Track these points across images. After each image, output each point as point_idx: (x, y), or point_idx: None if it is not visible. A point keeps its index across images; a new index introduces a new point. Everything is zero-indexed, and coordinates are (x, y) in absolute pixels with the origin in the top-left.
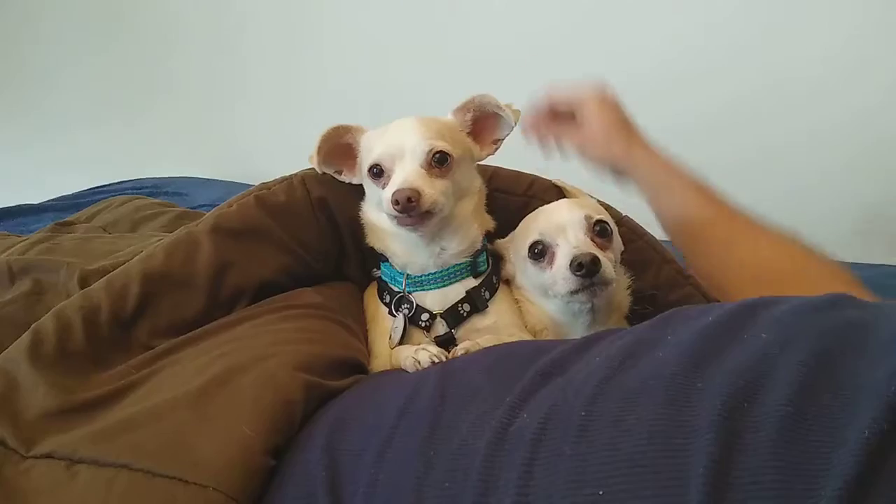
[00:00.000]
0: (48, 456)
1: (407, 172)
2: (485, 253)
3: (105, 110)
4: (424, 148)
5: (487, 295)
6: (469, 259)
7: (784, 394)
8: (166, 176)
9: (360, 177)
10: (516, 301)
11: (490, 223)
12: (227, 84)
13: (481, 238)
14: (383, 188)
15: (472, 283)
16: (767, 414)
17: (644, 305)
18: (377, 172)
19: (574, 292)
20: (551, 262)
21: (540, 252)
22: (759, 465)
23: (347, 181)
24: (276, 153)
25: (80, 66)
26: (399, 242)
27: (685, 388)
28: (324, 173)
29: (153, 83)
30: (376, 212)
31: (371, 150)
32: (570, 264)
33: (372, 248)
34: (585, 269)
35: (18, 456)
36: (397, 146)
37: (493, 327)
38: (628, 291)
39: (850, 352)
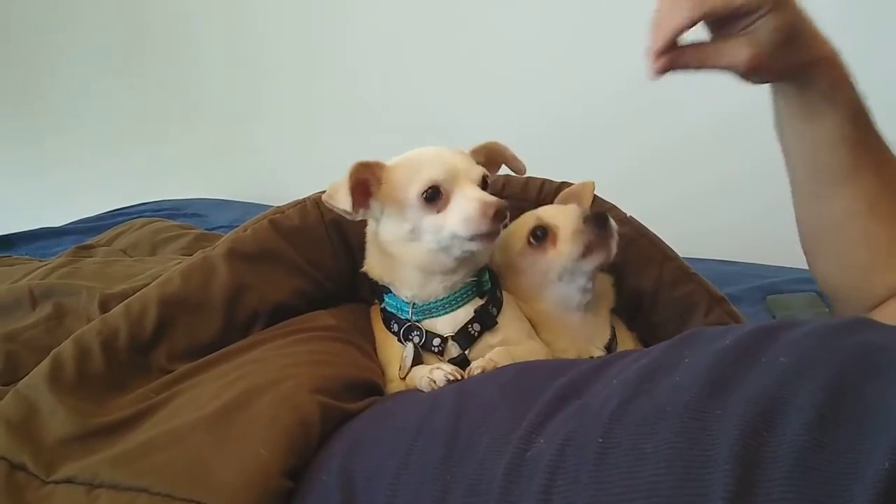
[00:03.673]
0: (68, 481)
1: (477, 191)
2: (486, 271)
3: (125, 133)
4: (478, 171)
5: (495, 311)
6: (474, 279)
7: (802, 423)
8: (185, 198)
9: (379, 210)
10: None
11: None
12: (245, 106)
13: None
14: (437, 213)
15: (478, 302)
16: (786, 444)
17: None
18: (431, 196)
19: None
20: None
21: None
22: (778, 496)
23: (358, 218)
24: (293, 174)
25: (99, 89)
26: (414, 271)
27: (703, 415)
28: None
29: (172, 105)
30: (406, 243)
31: (415, 176)
32: (584, 220)
33: (373, 281)
34: (598, 219)
35: (39, 481)
36: (451, 169)
37: (504, 342)
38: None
39: (869, 377)
